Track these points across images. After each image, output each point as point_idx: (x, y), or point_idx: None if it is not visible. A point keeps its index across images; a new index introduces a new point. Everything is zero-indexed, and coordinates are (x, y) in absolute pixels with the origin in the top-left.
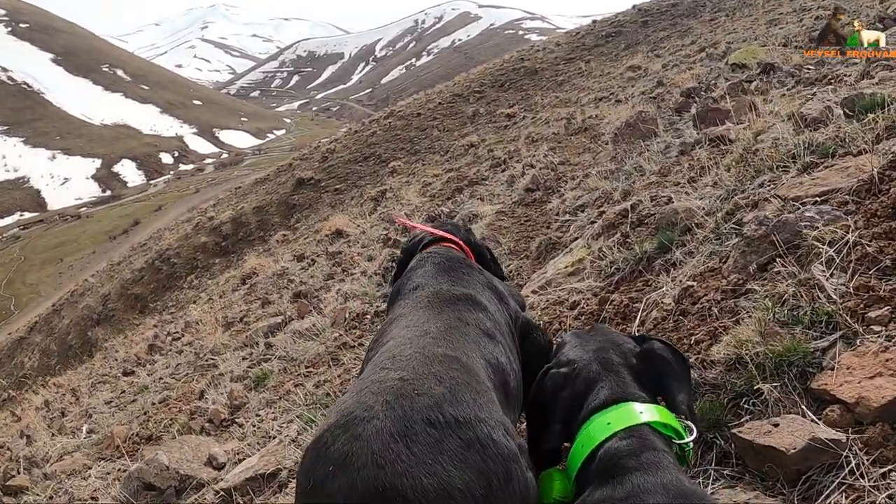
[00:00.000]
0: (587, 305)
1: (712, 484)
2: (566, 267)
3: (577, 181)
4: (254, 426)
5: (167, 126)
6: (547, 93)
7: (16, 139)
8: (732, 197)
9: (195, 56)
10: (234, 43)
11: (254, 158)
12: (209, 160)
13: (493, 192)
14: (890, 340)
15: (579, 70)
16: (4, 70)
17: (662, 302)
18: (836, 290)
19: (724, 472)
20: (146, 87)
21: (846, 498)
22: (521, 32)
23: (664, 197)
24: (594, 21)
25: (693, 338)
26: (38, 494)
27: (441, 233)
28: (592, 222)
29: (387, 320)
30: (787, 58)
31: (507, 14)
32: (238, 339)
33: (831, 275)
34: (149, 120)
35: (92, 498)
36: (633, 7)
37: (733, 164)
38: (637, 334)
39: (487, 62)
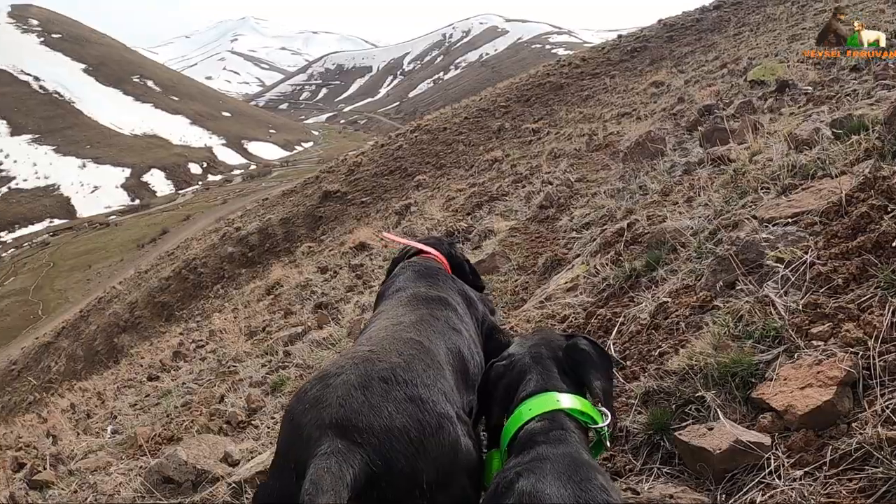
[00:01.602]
0: (575, 319)
1: (654, 480)
2: (565, 283)
3: (587, 199)
4: (268, 427)
5: (196, 137)
6: (572, 108)
7: (47, 147)
8: (718, 218)
9: (225, 68)
10: (263, 56)
11: (281, 170)
12: (237, 171)
13: (512, 208)
14: (825, 354)
15: (604, 85)
16: (37, 79)
17: (639, 317)
18: (786, 307)
19: (665, 471)
20: (176, 99)
21: (763, 495)
22: (548, 47)
23: (660, 216)
24: (620, 36)
25: (659, 350)
26: (63, 489)
27: (423, 246)
28: (593, 240)
29: (372, 316)
30: (804, 74)
31: (535, 28)
32: (259, 347)
33: (786, 293)
34: (178, 130)
35: (115, 491)
36: (659, 21)
37: (723, 185)
38: (568, 332)
39: (514, 76)
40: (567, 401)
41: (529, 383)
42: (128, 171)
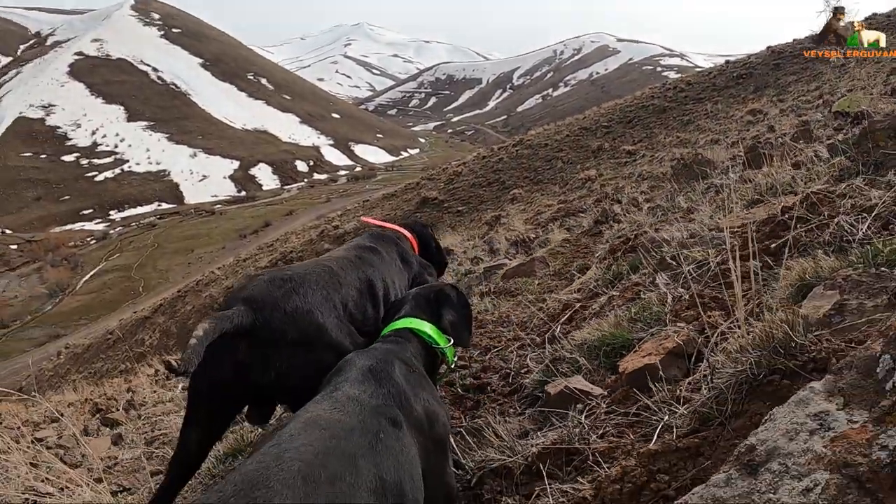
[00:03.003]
0: (554, 309)
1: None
2: (577, 285)
3: (631, 215)
4: None
5: (305, 136)
6: (671, 132)
7: (160, 135)
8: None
9: (337, 71)
10: (375, 61)
11: (386, 174)
12: (342, 172)
13: (581, 223)
14: (675, 332)
15: (705, 111)
16: (155, 70)
17: (593, 307)
18: (674, 297)
19: (530, 412)
20: (288, 98)
21: (572, 427)
22: (658, 69)
23: (666, 229)
24: (727, 61)
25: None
26: (129, 426)
27: (393, 226)
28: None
29: None
30: (879, 108)
31: (646, 49)
32: None
33: (687, 286)
34: (288, 128)
35: (170, 427)
36: (767, 48)
37: (717, 202)
38: (450, 284)
39: (622, 97)
40: (418, 324)
41: (403, 310)
42: (236, 164)
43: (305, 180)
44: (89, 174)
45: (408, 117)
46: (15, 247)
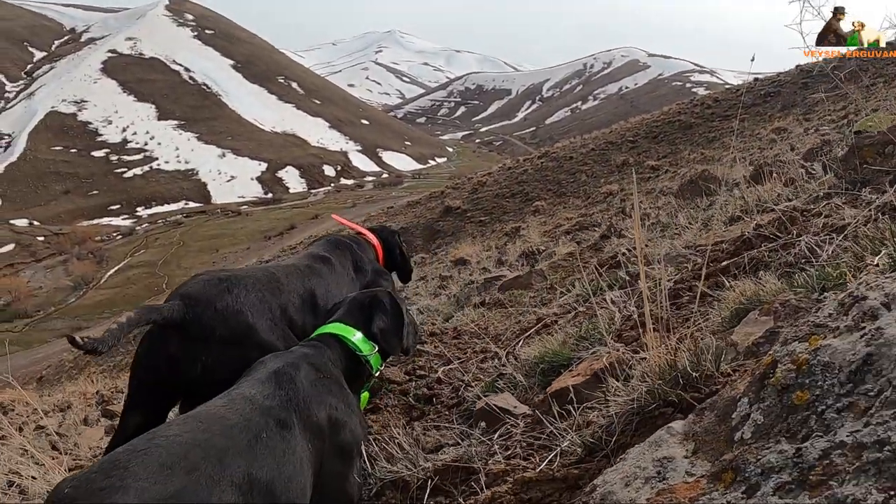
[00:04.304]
0: (529, 323)
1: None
2: (563, 299)
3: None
4: None
5: (333, 140)
6: (696, 148)
7: (190, 134)
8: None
9: (367, 78)
10: (405, 69)
11: (412, 182)
12: (369, 178)
13: (591, 237)
14: (608, 354)
15: (731, 128)
16: (187, 70)
17: (561, 322)
18: (622, 316)
19: (462, 424)
20: (318, 102)
21: (475, 445)
22: (688, 85)
23: (652, 246)
24: (755, 79)
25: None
26: None
27: (359, 228)
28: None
29: None
30: None
31: (677, 65)
32: None
33: (639, 304)
34: (316, 133)
35: None
36: (797, 67)
37: (704, 220)
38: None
39: (650, 112)
40: (343, 331)
41: (335, 315)
42: (264, 166)
43: (332, 185)
44: (118, 170)
45: (436, 126)
46: (42, 238)
